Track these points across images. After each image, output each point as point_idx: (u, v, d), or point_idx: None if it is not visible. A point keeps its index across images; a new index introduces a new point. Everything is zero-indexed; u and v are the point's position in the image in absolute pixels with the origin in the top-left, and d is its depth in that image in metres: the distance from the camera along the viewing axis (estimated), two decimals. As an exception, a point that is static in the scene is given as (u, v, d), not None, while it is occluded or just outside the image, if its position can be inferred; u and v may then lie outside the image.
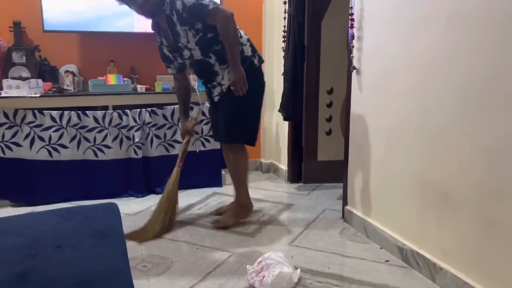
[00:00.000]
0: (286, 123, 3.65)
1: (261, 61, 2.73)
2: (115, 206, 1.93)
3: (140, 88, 3.43)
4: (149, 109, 3.37)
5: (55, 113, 3.13)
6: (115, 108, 3.31)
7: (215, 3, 2.50)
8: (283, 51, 3.49)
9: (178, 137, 3.46)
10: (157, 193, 3.41)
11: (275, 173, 4.00)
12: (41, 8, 3.16)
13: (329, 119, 3.58)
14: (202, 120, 3.50)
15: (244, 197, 2.87)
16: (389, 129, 2.40)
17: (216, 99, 2.71)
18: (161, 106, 3.42)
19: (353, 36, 2.66)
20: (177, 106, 3.40)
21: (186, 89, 2.85)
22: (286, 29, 3.42)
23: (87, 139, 3.23)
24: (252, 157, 4.06)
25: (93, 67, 3.49)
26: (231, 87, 2.53)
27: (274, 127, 3.98)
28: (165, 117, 3.43)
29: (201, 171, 3.58)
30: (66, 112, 3.15)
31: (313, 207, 3.17)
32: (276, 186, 3.69)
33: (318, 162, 3.62)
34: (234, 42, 2.46)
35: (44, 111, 3.11)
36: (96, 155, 3.26)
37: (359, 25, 2.60)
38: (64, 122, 3.16)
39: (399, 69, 2.29)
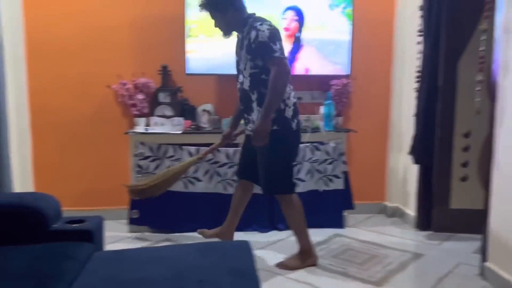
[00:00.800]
0: (415, 166, 3.48)
1: (299, 126, 2.74)
2: (247, 245, 2.00)
3: (269, 126, 3.56)
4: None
5: (192, 149, 3.39)
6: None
7: (283, 53, 2.55)
8: (416, 91, 3.37)
9: (301, 175, 3.51)
10: (280, 230, 3.48)
11: (401, 218, 3.81)
12: (185, 54, 3.50)
13: (465, 164, 3.33)
14: (326, 160, 3.52)
15: (305, 243, 2.82)
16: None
17: (247, 132, 2.82)
18: (287, 144, 3.51)
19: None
20: (302, 145, 3.46)
21: None
22: (420, 69, 3.31)
23: (218, 174, 3.44)
24: (376, 199, 3.96)
25: (227, 106, 3.72)
26: (252, 135, 2.58)
27: (402, 170, 3.82)
28: (290, 155, 3.50)
29: (323, 211, 3.56)
30: (202, 148, 3.40)
31: (445, 259, 2.94)
32: (402, 233, 3.50)
33: (451, 210, 3.36)
34: (276, 96, 2.52)
35: (183, 147, 3.39)
36: (225, 188, 3.44)
37: (505, 66, 2.42)
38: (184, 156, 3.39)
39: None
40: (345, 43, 3.61)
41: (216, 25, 2.73)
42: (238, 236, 3.30)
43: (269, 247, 3.16)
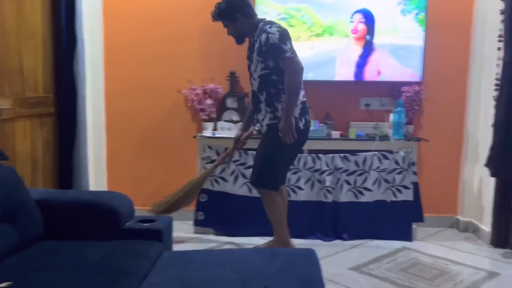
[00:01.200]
0: (492, 179, 3.26)
1: (307, 125, 2.82)
2: (313, 253, 1.98)
3: (334, 134, 3.51)
4: (342, 154, 3.42)
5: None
6: (310, 152, 3.45)
7: (294, 52, 2.63)
8: (494, 100, 3.17)
9: (368, 184, 3.42)
10: (344, 239, 3.40)
11: (474, 233, 3.59)
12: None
13: (549, 179, 3.08)
14: (394, 169, 3.40)
15: (282, 234, 2.90)
16: None
17: (254, 132, 2.96)
18: (353, 152, 3.43)
19: None
20: (369, 153, 3.41)
21: None
22: (499, 76, 3.11)
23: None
24: (447, 212, 3.76)
25: (293, 112, 3.72)
26: (280, 134, 2.66)
27: (476, 182, 3.60)
28: (356, 163, 3.43)
29: (390, 222, 3.44)
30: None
31: (525, 280, 2.73)
32: (476, 249, 3.29)
33: (531, 227, 3.12)
34: (293, 94, 2.62)
35: (248, 151, 3.41)
36: (289, 195, 3.43)
37: None
38: (264, 163, 3.41)
39: None
40: (418, 48, 3.47)
41: (229, 33, 2.85)
42: (300, 243, 3.28)
43: (332, 257, 3.09)
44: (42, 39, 3.01)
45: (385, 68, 3.54)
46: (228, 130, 3.48)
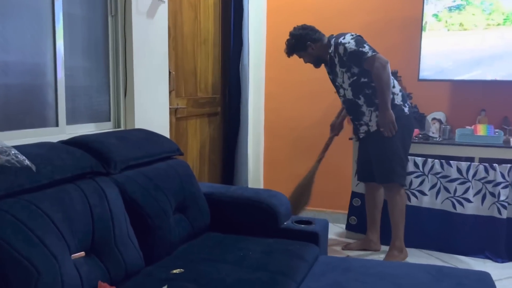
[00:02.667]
0: None
1: (411, 110, 2.91)
2: (489, 277, 1.75)
3: (514, 141, 3.07)
4: (522, 165, 2.98)
5: (419, 160, 3.17)
6: (481, 160, 3.08)
7: (374, 51, 2.71)
8: None
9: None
10: (519, 263, 2.97)
11: None
12: (419, 59, 3.30)
13: None
14: None
15: (400, 241, 2.90)
16: None
17: (361, 135, 2.96)
18: (537, 163, 2.96)
19: None
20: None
21: None
22: None
23: (447, 189, 3.13)
24: None
25: (462, 115, 3.37)
26: (381, 129, 2.75)
27: None
28: (541, 176, 2.95)
29: None
30: (429, 160, 3.15)
31: None
32: None
33: None
34: (386, 88, 2.69)
35: (409, 157, 3.19)
36: (454, 207, 3.12)
37: None
38: (426, 169, 3.16)
39: None
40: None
41: (306, 61, 2.97)
42: (465, 260, 2.97)
43: (505, 281, 2.72)
44: (213, 43, 3.25)
45: None
46: (387, 133, 3.31)
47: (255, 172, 3.92)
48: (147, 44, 2.45)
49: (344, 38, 2.78)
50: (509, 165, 3.00)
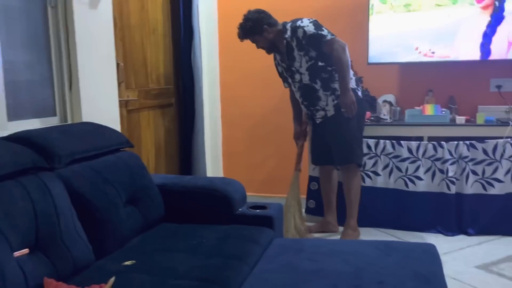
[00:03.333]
0: None
1: (363, 93, 3.05)
2: (434, 248, 1.83)
3: (459, 119, 3.20)
4: (467, 142, 3.10)
5: (371, 141, 3.26)
6: (430, 139, 3.19)
7: (332, 34, 2.77)
8: None
9: (499, 175, 3.07)
10: (469, 234, 3.11)
11: None
12: (367, 43, 3.37)
13: None
14: None
15: (354, 220, 3.01)
16: None
17: (318, 121, 2.99)
18: (482, 139, 3.09)
19: None
20: (501, 140, 3.05)
21: (295, 98, 3.08)
22: None
23: (399, 169, 3.23)
24: None
25: (410, 97, 3.48)
26: (342, 109, 2.80)
27: None
28: (485, 151, 3.08)
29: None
30: (381, 141, 3.24)
31: None
32: None
33: None
34: (346, 69, 2.76)
35: (362, 139, 3.27)
36: (407, 185, 3.22)
37: None
38: (378, 150, 3.25)
39: None
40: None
41: (259, 46, 2.92)
42: (419, 237, 3.08)
43: (456, 253, 2.84)
44: (162, 33, 3.21)
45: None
46: (340, 116, 3.37)
47: (214, 162, 3.92)
48: (91, 35, 2.38)
49: (302, 22, 2.80)
50: (455, 142, 3.12)
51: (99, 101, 2.45)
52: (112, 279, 1.42)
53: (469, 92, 3.38)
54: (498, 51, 3.15)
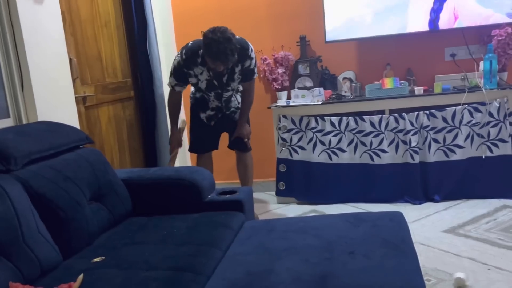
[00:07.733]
0: None
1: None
2: (400, 216, 1.87)
3: (418, 90, 3.27)
4: (427, 111, 3.19)
5: (334, 119, 3.30)
6: (391, 112, 3.26)
7: (257, 75, 3.02)
8: None
9: (459, 141, 3.17)
10: (435, 201, 3.21)
11: None
12: (323, 22, 3.38)
13: None
14: (488, 122, 3.11)
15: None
16: None
17: (228, 112, 3.10)
18: (440, 108, 3.18)
19: None
20: (458, 107, 3.14)
21: (180, 102, 3.11)
22: None
23: (363, 143, 3.29)
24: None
25: (370, 72, 3.52)
26: (244, 139, 3.12)
27: None
28: (445, 119, 3.18)
29: (488, 180, 3.17)
30: (344, 118, 3.28)
31: None
32: None
33: None
34: (250, 105, 3.08)
35: (325, 117, 3.31)
36: (372, 159, 3.29)
37: None
38: (342, 127, 3.30)
39: None
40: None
41: (221, 69, 2.73)
42: (387, 208, 3.15)
43: (424, 220, 2.93)
44: (115, 26, 3.12)
45: (466, 11, 3.19)
46: (302, 97, 3.39)
47: (181, 154, 3.87)
48: (38, 31, 2.28)
49: (252, 52, 2.87)
50: (416, 112, 3.19)
51: (54, 99, 2.36)
52: (81, 277, 1.38)
53: (426, 63, 3.45)
54: (445, 21, 3.24)
